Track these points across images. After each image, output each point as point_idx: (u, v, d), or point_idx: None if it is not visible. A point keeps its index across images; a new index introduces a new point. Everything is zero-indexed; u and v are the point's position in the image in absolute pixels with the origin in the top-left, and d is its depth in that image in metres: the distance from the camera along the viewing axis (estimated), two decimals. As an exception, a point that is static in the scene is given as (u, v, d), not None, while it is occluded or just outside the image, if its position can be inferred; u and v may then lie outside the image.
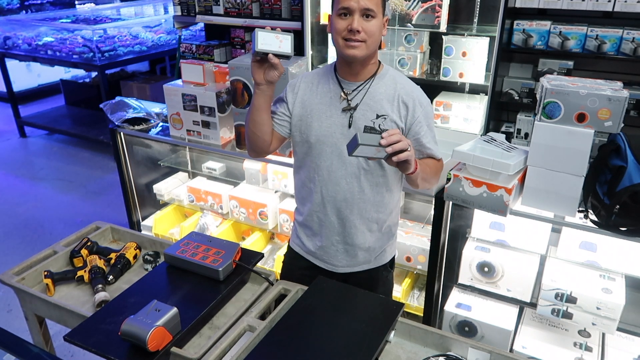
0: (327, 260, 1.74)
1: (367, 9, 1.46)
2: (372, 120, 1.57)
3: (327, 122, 1.60)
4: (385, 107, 1.58)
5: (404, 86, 1.61)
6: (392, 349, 1.44)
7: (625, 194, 1.66)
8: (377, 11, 1.48)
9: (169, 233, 3.16)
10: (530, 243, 2.13)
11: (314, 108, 1.61)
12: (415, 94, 1.61)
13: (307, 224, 1.74)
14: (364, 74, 1.59)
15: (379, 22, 1.51)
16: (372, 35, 1.50)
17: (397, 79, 1.62)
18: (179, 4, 3.48)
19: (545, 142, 1.75)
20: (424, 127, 1.60)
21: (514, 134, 2.67)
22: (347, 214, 1.66)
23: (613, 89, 1.67)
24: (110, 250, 1.83)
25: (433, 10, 2.53)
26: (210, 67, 2.64)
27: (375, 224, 1.70)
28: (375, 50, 1.57)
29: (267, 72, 1.50)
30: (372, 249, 1.73)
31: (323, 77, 1.65)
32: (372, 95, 1.59)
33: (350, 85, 1.60)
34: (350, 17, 1.48)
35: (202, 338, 1.44)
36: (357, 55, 1.51)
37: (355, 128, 1.57)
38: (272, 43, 1.45)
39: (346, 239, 1.70)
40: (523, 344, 2.13)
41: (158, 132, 2.84)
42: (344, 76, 1.61)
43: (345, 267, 1.74)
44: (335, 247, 1.71)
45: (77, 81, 6.52)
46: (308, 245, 1.76)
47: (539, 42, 2.47)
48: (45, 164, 5.19)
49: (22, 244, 3.71)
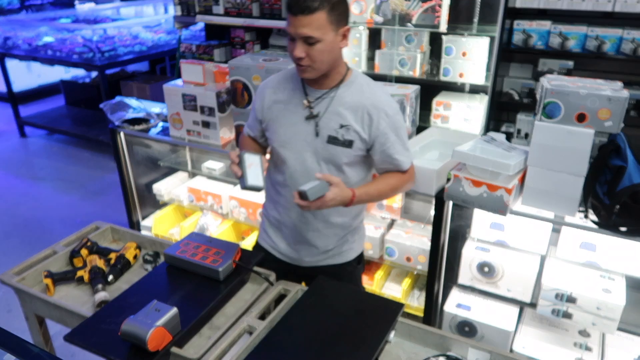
0: (292, 256, 1.78)
1: (306, 37, 1.42)
2: (335, 129, 1.57)
3: (291, 130, 1.61)
4: (349, 118, 1.56)
5: (371, 96, 1.57)
6: (392, 349, 1.44)
7: (625, 194, 1.66)
8: (319, 35, 1.42)
9: (169, 233, 3.15)
10: (530, 243, 2.13)
11: (279, 114, 1.62)
12: (382, 103, 1.57)
13: (273, 223, 1.79)
14: (328, 83, 1.58)
15: (325, 44, 1.44)
16: (316, 60, 1.46)
17: (365, 88, 1.59)
18: (179, 4, 3.48)
19: (545, 142, 1.75)
20: (390, 138, 1.58)
21: (514, 134, 2.67)
22: (310, 218, 1.69)
23: (613, 89, 1.67)
24: (110, 250, 1.83)
25: (433, 10, 2.53)
26: (210, 67, 2.64)
27: (338, 228, 1.72)
28: (332, 64, 1.53)
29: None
30: (336, 248, 1.76)
31: (289, 82, 1.64)
32: (337, 105, 1.57)
33: (315, 93, 1.59)
34: (296, 41, 1.45)
35: (202, 338, 1.44)
36: (307, 77, 1.52)
37: (321, 136, 1.58)
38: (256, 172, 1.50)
39: (309, 242, 1.73)
40: (523, 344, 2.13)
41: (158, 132, 2.84)
42: (310, 83, 1.60)
43: (310, 263, 1.78)
44: (299, 247, 1.75)
45: (77, 81, 6.51)
46: (275, 240, 1.80)
47: (539, 42, 2.47)
48: (45, 164, 5.19)
49: (22, 244, 3.71)
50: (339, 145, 1.58)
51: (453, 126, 2.72)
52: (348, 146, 1.58)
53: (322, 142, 1.58)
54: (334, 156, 1.59)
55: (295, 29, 1.42)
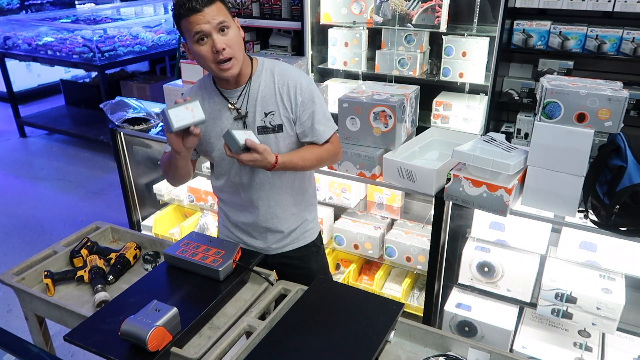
0: (257, 246, 1.80)
1: (220, 22, 1.44)
2: (262, 119, 1.59)
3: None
4: (270, 103, 1.60)
5: (282, 76, 1.61)
6: (392, 349, 1.44)
7: (625, 194, 1.66)
8: (228, 20, 1.46)
9: (169, 233, 3.15)
10: (530, 243, 2.13)
11: (208, 126, 1.62)
12: (294, 79, 1.60)
13: (232, 219, 1.80)
14: (242, 78, 1.60)
15: (234, 29, 1.49)
16: (235, 47, 1.48)
17: (275, 71, 1.62)
18: (179, 4, 3.47)
19: (545, 142, 1.75)
20: (309, 107, 1.61)
21: (514, 134, 2.67)
22: (266, 207, 1.72)
23: (613, 89, 1.67)
24: (110, 250, 1.83)
25: (433, 10, 2.53)
26: (210, 67, 2.64)
27: (294, 207, 1.77)
28: (243, 54, 1.55)
29: (186, 140, 1.47)
30: (297, 229, 1.80)
31: (205, 92, 1.65)
32: (254, 95, 1.60)
33: (233, 93, 1.61)
34: (208, 39, 1.45)
35: (202, 338, 1.44)
36: (234, 73, 1.52)
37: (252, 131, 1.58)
38: (185, 116, 1.42)
39: (270, 229, 1.76)
40: (523, 344, 2.13)
41: (158, 132, 2.84)
42: (224, 86, 1.61)
43: (276, 250, 1.80)
44: (263, 236, 1.78)
45: (77, 81, 6.52)
46: (238, 235, 1.82)
47: (539, 42, 2.47)
48: (45, 164, 5.19)
49: (22, 244, 3.71)
50: (269, 133, 1.61)
51: (453, 126, 2.72)
52: (279, 130, 1.61)
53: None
54: (269, 144, 1.61)
55: (208, 21, 1.43)
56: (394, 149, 2.22)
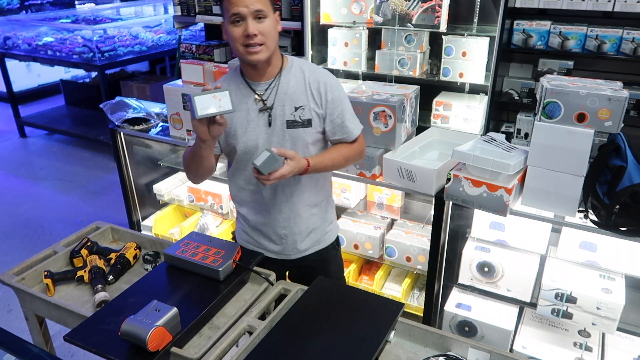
0: (277, 251, 1.79)
1: (257, 10, 1.48)
2: (291, 113, 1.61)
3: (250, 127, 1.63)
4: (301, 98, 1.62)
5: (312, 73, 1.64)
6: (392, 349, 1.44)
7: (625, 194, 1.66)
8: (267, 10, 1.50)
9: (169, 233, 3.15)
10: (530, 243, 2.13)
11: (234, 117, 1.62)
12: (323, 77, 1.64)
13: (251, 223, 1.79)
14: (271, 71, 1.62)
15: (272, 20, 1.53)
16: (268, 36, 1.52)
17: (304, 68, 1.65)
18: (179, 4, 3.47)
19: (545, 142, 1.75)
20: (338, 106, 1.64)
21: (514, 134, 2.67)
22: (288, 206, 1.71)
23: (613, 89, 1.67)
24: (110, 250, 1.83)
25: (433, 10, 2.53)
26: (210, 67, 2.65)
27: (315, 207, 1.77)
28: (275, 48, 1.58)
29: (212, 129, 1.46)
30: (317, 230, 1.79)
31: (232, 83, 1.66)
32: (285, 90, 1.62)
33: (261, 86, 1.62)
34: (243, 22, 1.49)
35: (202, 338, 1.44)
36: (260, 59, 1.54)
37: (275, 126, 1.62)
38: (211, 104, 1.40)
39: (292, 229, 1.75)
40: (523, 344, 2.13)
41: (158, 132, 2.84)
42: (252, 78, 1.63)
43: (296, 254, 1.80)
44: (284, 239, 1.77)
45: (77, 81, 6.52)
46: (258, 239, 1.80)
47: (539, 42, 2.47)
48: (45, 164, 5.19)
49: (22, 244, 3.71)
50: (299, 127, 1.62)
51: (453, 126, 2.72)
52: (308, 125, 1.63)
53: (280, 129, 1.62)
54: (297, 139, 1.63)
55: (247, 5, 1.47)
56: (394, 149, 2.22)
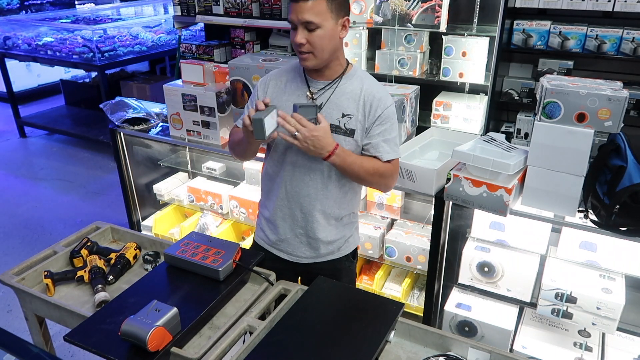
0: (290, 252, 1.78)
1: (306, 22, 1.47)
2: (337, 119, 1.61)
3: None
4: (351, 107, 1.61)
5: (370, 86, 1.63)
6: (392, 349, 1.44)
7: (625, 194, 1.66)
8: (319, 21, 1.48)
9: (169, 233, 3.15)
10: (530, 243, 2.13)
11: (282, 106, 1.63)
12: (381, 94, 1.63)
13: (270, 217, 1.79)
14: (330, 74, 1.63)
15: (325, 31, 1.50)
16: (317, 46, 1.51)
17: (364, 80, 1.65)
18: (179, 4, 3.47)
19: (545, 142, 1.75)
20: (382, 125, 1.62)
21: (514, 134, 2.67)
22: (310, 209, 1.70)
23: (613, 89, 1.67)
24: (110, 250, 1.83)
25: (433, 10, 2.53)
26: (210, 67, 2.65)
27: (337, 219, 1.75)
28: (332, 54, 1.57)
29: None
30: (334, 242, 1.77)
31: (292, 75, 1.68)
32: (339, 95, 1.61)
33: (317, 84, 1.63)
34: (296, 29, 1.50)
35: (202, 338, 1.44)
36: (308, 66, 1.56)
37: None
38: (271, 123, 1.49)
39: (308, 233, 1.74)
40: (523, 344, 2.13)
41: (158, 132, 2.84)
42: (312, 75, 1.65)
43: (309, 259, 1.79)
44: (298, 240, 1.76)
45: (77, 81, 6.52)
46: (271, 237, 1.80)
47: (539, 42, 2.47)
48: (45, 164, 5.19)
49: (22, 244, 3.71)
50: (341, 134, 1.62)
51: (453, 126, 2.72)
52: (350, 135, 1.62)
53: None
54: None
55: (296, 14, 1.48)
56: (394, 149, 2.22)
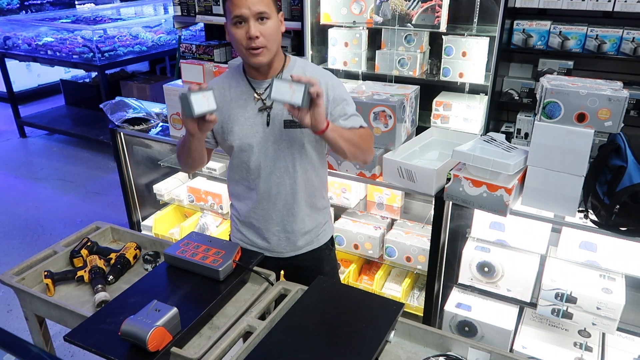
0: (271, 249, 1.79)
1: (259, 12, 1.47)
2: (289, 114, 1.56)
3: (247, 124, 1.63)
4: None
5: (313, 73, 1.63)
6: (392, 349, 1.44)
7: (625, 194, 1.66)
8: (270, 12, 1.49)
9: (169, 233, 3.15)
10: (530, 243, 2.13)
11: (232, 113, 1.63)
12: (325, 77, 1.63)
13: (245, 220, 1.79)
14: (272, 71, 1.62)
15: (275, 21, 1.51)
16: (270, 38, 1.51)
17: (306, 68, 1.65)
18: (179, 4, 3.47)
19: (545, 142, 1.75)
20: (340, 104, 1.62)
21: (514, 134, 2.67)
22: (283, 204, 1.71)
23: (613, 89, 1.67)
24: (110, 250, 1.83)
25: (433, 10, 2.53)
26: (210, 67, 2.64)
27: (310, 208, 1.76)
28: (277, 48, 1.57)
29: (202, 125, 1.47)
30: (311, 231, 1.79)
31: (233, 80, 1.66)
32: None
33: (262, 84, 1.62)
34: (245, 24, 1.48)
35: (202, 338, 1.44)
36: (262, 61, 1.54)
37: (274, 125, 1.61)
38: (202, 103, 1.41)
39: (286, 228, 1.75)
40: (523, 344, 2.13)
41: (158, 132, 2.84)
42: (253, 76, 1.63)
43: (290, 252, 1.80)
44: (277, 237, 1.77)
45: (77, 81, 6.52)
46: (250, 237, 1.81)
47: (539, 42, 2.47)
48: (45, 164, 5.19)
49: (22, 244, 3.71)
50: (296, 127, 1.61)
51: (453, 126, 2.72)
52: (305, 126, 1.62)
53: (278, 129, 1.62)
54: (294, 139, 1.63)
55: (248, 7, 1.45)
56: (394, 148, 2.22)
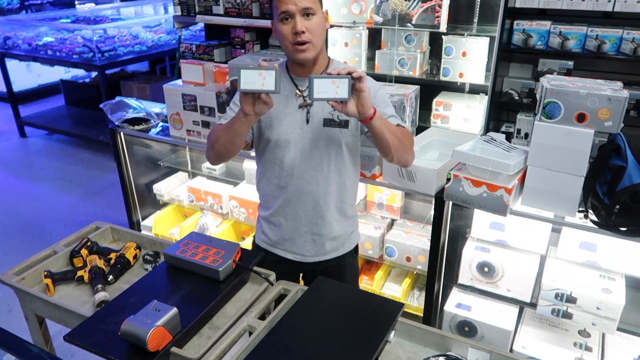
0: (296, 251, 1.79)
1: (305, 8, 1.49)
2: (330, 112, 1.61)
3: (286, 120, 1.64)
4: None
5: None
6: (392, 349, 1.44)
7: (625, 194, 1.66)
8: (315, 8, 1.51)
9: (169, 233, 3.15)
10: (530, 243, 2.13)
11: (273, 108, 1.62)
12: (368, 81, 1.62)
13: (273, 219, 1.79)
14: (316, 69, 1.64)
15: (320, 17, 1.54)
16: (316, 34, 1.53)
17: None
18: (179, 4, 3.48)
19: (545, 142, 1.75)
20: (381, 105, 1.63)
21: (514, 134, 2.67)
22: (313, 205, 1.71)
23: (613, 89, 1.67)
24: (110, 250, 1.83)
25: (433, 10, 2.53)
26: (210, 67, 2.64)
27: (340, 213, 1.76)
28: (322, 45, 1.59)
29: (257, 105, 1.45)
30: (339, 237, 1.79)
31: None
32: None
33: (304, 82, 1.64)
34: (292, 20, 1.51)
35: (202, 338, 1.44)
36: (308, 57, 1.56)
37: (313, 123, 1.62)
38: (255, 81, 1.40)
39: (313, 230, 1.75)
40: (523, 344, 2.13)
41: (158, 132, 2.84)
42: (297, 74, 1.65)
43: (314, 257, 1.79)
44: (303, 238, 1.76)
45: (77, 81, 6.52)
46: (275, 239, 1.80)
47: (539, 42, 2.47)
48: (45, 164, 5.19)
49: (22, 244, 3.71)
50: (335, 127, 1.63)
51: (453, 126, 2.72)
52: (345, 126, 1.63)
53: (317, 127, 1.63)
54: (332, 138, 1.64)
55: (295, 3, 1.48)
56: (394, 149, 2.21)
